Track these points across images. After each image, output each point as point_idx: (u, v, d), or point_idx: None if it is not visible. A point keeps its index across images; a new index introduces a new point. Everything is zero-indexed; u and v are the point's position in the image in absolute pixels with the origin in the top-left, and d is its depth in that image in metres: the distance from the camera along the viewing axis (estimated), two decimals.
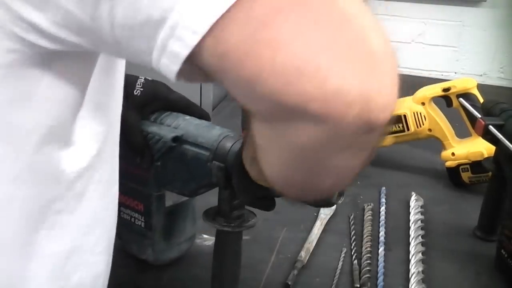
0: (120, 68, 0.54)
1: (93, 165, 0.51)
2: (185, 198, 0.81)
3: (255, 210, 0.70)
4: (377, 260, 0.90)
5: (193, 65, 0.37)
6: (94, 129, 0.51)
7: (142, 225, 0.80)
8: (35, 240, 0.48)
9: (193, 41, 0.35)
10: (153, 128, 0.74)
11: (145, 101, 0.74)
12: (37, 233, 0.48)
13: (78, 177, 0.50)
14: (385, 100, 0.35)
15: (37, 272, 0.49)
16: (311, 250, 0.91)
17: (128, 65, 0.53)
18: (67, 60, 0.44)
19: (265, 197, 0.63)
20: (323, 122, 0.35)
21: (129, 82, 0.72)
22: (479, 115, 0.99)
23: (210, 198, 0.71)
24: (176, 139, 0.71)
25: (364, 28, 0.35)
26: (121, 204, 0.81)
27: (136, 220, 0.80)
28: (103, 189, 0.54)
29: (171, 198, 0.79)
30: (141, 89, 0.73)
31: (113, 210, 0.59)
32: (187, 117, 0.75)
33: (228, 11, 0.34)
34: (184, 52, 0.36)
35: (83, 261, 0.54)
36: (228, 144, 0.67)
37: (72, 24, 0.39)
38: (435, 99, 1.18)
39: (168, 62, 0.37)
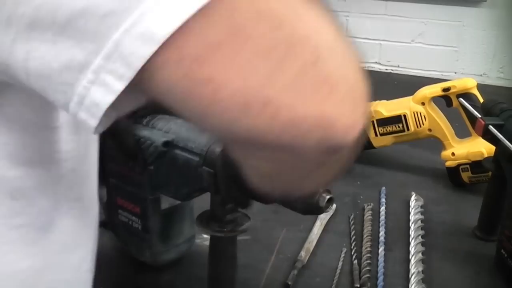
0: None
1: (59, 182, 0.50)
2: None
3: (253, 213, 0.70)
4: (377, 260, 0.90)
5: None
6: (68, 146, 0.49)
7: (140, 228, 0.80)
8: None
9: (119, 86, 0.32)
10: (145, 132, 0.73)
11: None
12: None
13: (40, 194, 0.48)
14: (346, 123, 0.32)
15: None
16: (311, 250, 0.91)
17: None
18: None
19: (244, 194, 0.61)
20: (282, 152, 0.33)
21: None
22: (479, 115, 0.99)
23: (208, 199, 0.71)
24: (166, 143, 0.71)
25: (317, 48, 0.32)
26: (119, 207, 0.81)
27: (134, 222, 0.80)
28: (80, 208, 0.53)
29: (167, 201, 0.79)
30: None
31: (95, 230, 0.57)
32: (179, 120, 0.75)
33: (158, 52, 0.31)
34: (108, 99, 0.33)
35: (63, 279, 0.53)
36: (217, 149, 0.67)
37: None
38: (435, 99, 1.18)
39: (86, 116, 0.34)
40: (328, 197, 0.58)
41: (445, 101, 1.16)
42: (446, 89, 1.15)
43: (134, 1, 0.31)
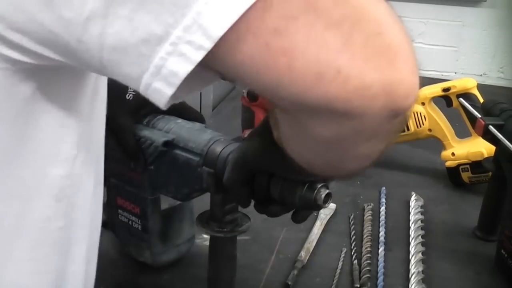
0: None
1: (81, 173, 0.50)
2: None
3: (253, 213, 0.70)
4: (377, 260, 0.90)
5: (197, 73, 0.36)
6: (78, 139, 0.49)
7: (139, 228, 0.80)
8: (41, 257, 0.48)
9: (198, 56, 0.34)
10: (146, 132, 0.73)
11: (138, 105, 0.74)
12: (42, 251, 0.48)
13: (71, 189, 0.49)
14: (407, 88, 0.35)
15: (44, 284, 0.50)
16: (311, 250, 0.91)
17: None
18: (57, 73, 0.44)
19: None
20: (348, 118, 0.36)
21: (121, 86, 0.71)
22: (479, 115, 0.99)
23: (208, 200, 0.71)
24: (167, 143, 0.71)
25: (378, 21, 0.35)
26: (119, 207, 0.81)
27: (134, 223, 0.80)
28: (89, 195, 0.54)
29: (167, 201, 0.79)
30: (133, 93, 0.73)
31: (100, 214, 0.58)
32: (179, 120, 0.74)
33: (237, 24, 0.33)
34: (187, 68, 0.35)
35: (80, 269, 0.55)
36: (218, 149, 0.67)
37: (57, 45, 0.38)
38: (435, 99, 1.18)
39: (161, 86, 0.36)
40: (326, 192, 0.58)
41: (445, 101, 1.16)
42: (446, 89, 1.15)
43: None
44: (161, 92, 0.36)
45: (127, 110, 0.73)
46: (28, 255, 0.47)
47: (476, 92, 1.13)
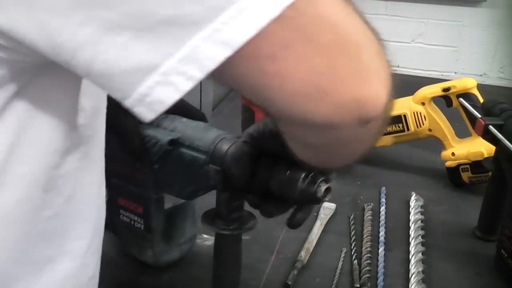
0: None
1: (80, 167, 0.51)
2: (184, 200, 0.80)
3: (253, 212, 0.70)
4: (377, 260, 0.90)
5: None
6: (83, 133, 0.50)
7: (142, 228, 0.80)
8: (28, 247, 0.48)
9: (187, 86, 0.36)
10: (150, 131, 0.73)
11: None
12: (29, 241, 0.48)
13: (66, 182, 0.49)
14: (377, 102, 0.39)
15: (29, 276, 0.49)
16: (311, 250, 0.91)
17: None
18: (56, 72, 0.43)
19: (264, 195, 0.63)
20: (329, 129, 0.40)
21: None
22: (479, 115, 0.99)
23: (210, 199, 0.71)
24: (172, 142, 0.71)
25: (359, 45, 0.39)
26: (120, 207, 0.81)
27: (136, 222, 0.80)
28: (91, 191, 0.54)
29: (170, 200, 0.79)
30: None
31: (103, 210, 0.59)
32: (184, 119, 0.75)
33: (233, 54, 0.35)
34: (174, 97, 0.36)
35: (77, 266, 0.54)
36: (224, 147, 0.67)
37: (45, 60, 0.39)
38: (435, 99, 1.18)
39: (143, 110, 0.37)
40: (326, 186, 0.58)
41: (445, 101, 1.16)
42: (446, 89, 1.15)
43: (216, 11, 0.34)
44: (142, 114, 0.38)
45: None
46: (15, 245, 0.47)
47: (476, 92, 1.13)
